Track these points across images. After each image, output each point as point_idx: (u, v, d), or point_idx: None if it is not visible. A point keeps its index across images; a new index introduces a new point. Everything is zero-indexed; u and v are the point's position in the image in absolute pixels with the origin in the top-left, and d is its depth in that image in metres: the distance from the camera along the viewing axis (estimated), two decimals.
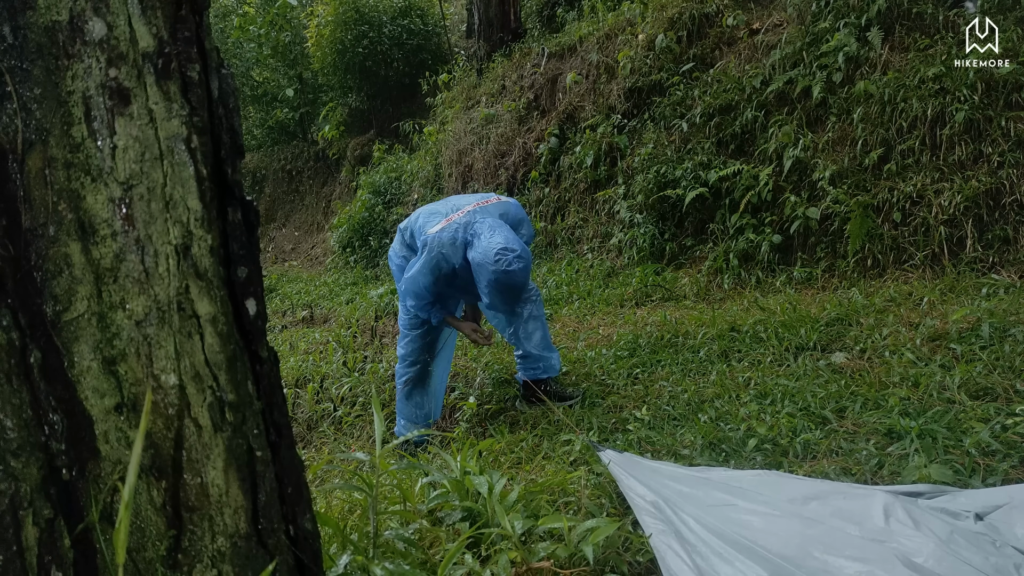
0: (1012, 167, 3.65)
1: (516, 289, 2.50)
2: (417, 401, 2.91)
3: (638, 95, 6.03)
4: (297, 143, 13.14)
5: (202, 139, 0.77)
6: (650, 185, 5.22)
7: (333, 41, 10.36)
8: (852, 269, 4.02)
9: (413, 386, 2.91)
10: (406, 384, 2.91)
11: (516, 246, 2.46)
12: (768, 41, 5.25)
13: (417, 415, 2.91)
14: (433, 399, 2.96)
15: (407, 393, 2.92)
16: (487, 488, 1.52)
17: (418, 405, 2.91)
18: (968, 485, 1.74)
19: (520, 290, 2.53)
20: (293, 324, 6.29)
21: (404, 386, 2.92)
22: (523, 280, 2.50)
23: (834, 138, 4.46)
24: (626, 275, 5.20)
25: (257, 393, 0.84)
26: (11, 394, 0.69)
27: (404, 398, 2.93)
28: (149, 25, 0.73)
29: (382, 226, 8.80)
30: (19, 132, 0.70)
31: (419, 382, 2.91)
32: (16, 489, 0.69)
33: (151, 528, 0.77)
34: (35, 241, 0.71)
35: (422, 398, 2.91)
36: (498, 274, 2.44)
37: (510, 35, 8.66)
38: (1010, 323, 2.72)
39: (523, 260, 2.46)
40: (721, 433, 2.32)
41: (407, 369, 2.90)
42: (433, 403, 2.96)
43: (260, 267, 0.86)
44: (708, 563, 1.36)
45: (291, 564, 0.87)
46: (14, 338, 0.70)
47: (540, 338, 2.90)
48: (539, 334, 2.90)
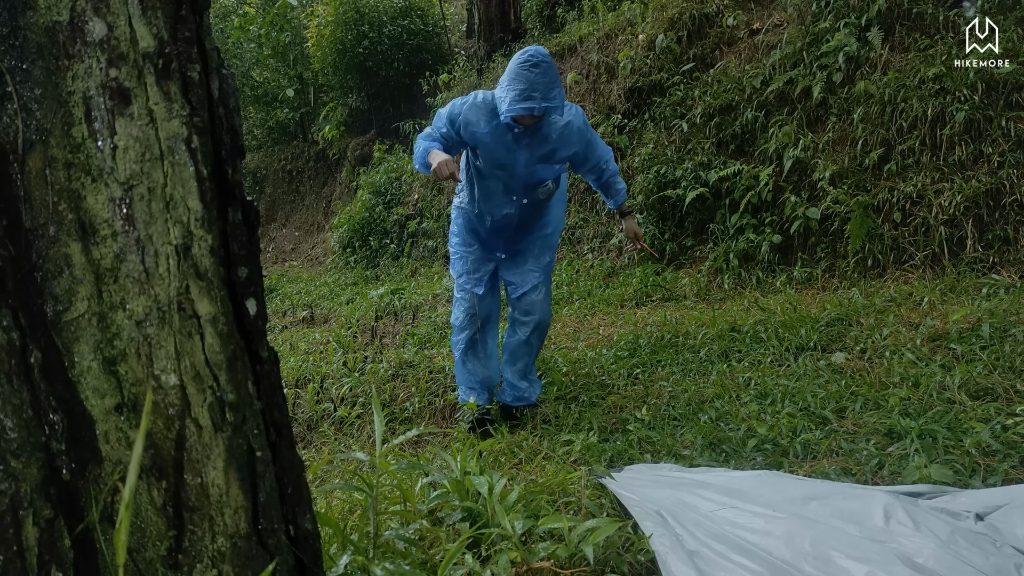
0: (1012, 167, 3.65)
1: (540, 71, 2.45)
2: (471, 368, 2.97)
3: (638, 95, 6.03)
4: (297, 143, 13.14)
5: (202, 139, 0.77)
6: (650, 185, 5.22)
7: (333, 41, 10.37)
8: (852, 269, 4.02)
9: (464, 353, 2.96)
10: (460, 352, 2.98)
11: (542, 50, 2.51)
12: (768, 41, 5.25)
13: (472, 381, 2.97)
14: (488, 365, 2.99)
15: (462, 360, 2.98)
16: (487, 488, 1.52)
17: (472, 372, 2.96)
18: (968, 485, 1.74)
19: (547, 80, 2.47)
20: (293, 324, 6.29)
21: (459, 354, 2.99)
22: (550, 67, 2.47)
23: (834, 138, 4.46)
24: (626, 275, 5.20)
25: (257, 393, 0.84)
26: (11, 394, 0.69)
27: (461, 364, 3.00)
28: (149, 25, 0.73)
29: (382, 226, 8.80)
30: (20, 132, 0.70)
31: (469, 350, 2.95)
32: (16, 489, 0.69)
33: (151, 528, 0.77)
34: (36, 241, 0.71)
35: (475, 364, 2.96)
36: (521, 62, 2.46)
37: (510, 35, 8.66)
38: (1010, 323, 2.72)
39: (547, 55, 2.48)
40: (721, 433, 2.32)
41: (457, 337, 2.96)
42: (489, 369, 2.99)
43: (260, 267, 0.86)
44: (709, 564, 1.36)
45: (291, 564, 0.87)
46: (14, 338, 0.70)
47: (523, 366, 2.93)
48: (524, 361, 2.93)
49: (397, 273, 7.91)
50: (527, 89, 2.44)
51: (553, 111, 2.53)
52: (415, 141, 2.70)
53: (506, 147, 2.64)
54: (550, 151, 2.68)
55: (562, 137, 2.67)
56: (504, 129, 2.60)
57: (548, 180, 2.75)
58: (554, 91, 2.49)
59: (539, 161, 2.68)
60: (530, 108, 2.45)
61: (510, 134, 2.61)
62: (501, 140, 2.62)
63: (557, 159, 2.72)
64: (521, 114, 2.48)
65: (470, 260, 2.90)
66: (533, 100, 2.44)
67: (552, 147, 2.67)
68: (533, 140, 2.63)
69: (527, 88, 2.44)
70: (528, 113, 2.48)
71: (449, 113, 2.66)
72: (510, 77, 2.48)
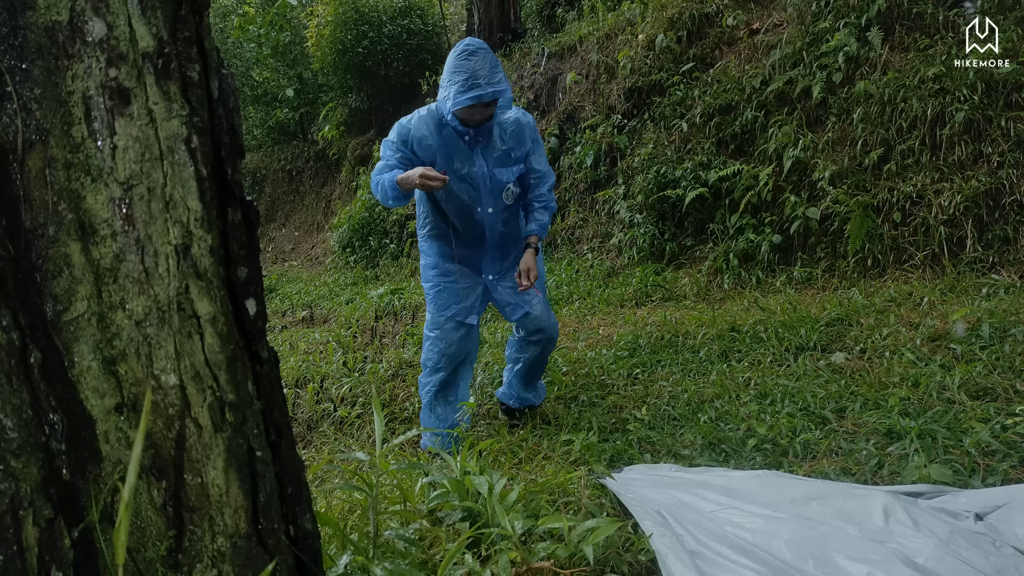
0: (1012, 167, 3.65)
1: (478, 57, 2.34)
2: (440, 414, 2.73)
3: (638, 95, 6.03)
4: (297, 143, 13.14)
5: (202, 139, 0.77)
6: (650, 185, 5.22)
7: (333, 41, 10.36)
8: (852, 269, 4.02)
9: (434, 397, 2.72)
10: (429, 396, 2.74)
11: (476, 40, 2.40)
12: (768, 41, 5.25)
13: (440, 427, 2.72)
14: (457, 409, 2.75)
15: (430, 405, 2.74)
16: (487, 488, 1.51)
17: (442, 418, 2.72)
18: (968, 485, 1.74)
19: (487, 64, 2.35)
20: (293, 324, 6.29)
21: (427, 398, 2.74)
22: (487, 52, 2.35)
23: (834, 138, 4.46)
24: (626, 275, 5.20)
25: (257, 393, 0.84)
26: (11, 394, 0.69)
27: (428, 410, 2.75)
28: (149, 25, 0.73)
29: (382, 226, 8.80)
30: (19, 132, 0.70)
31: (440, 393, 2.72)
32: (16, 489, 0.69)
33: (151, 528, 0.77)
34: (35, 241, 0.71)
35: (445, 410, 2.72)
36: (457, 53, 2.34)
37: (510, 35, 8.66)
38: (1010, 323, 2.72)
39: (482, 43, 2.37)
40: (721, 433, 2.32)
41: (429, 378, 2.72)
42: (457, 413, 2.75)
43: (260, 267, 0.86)
44: (709, 564, 1.36)
45: (291, 564, 0.87)
46: (14, 338, 0.70)
47: (534, 379, 2.83)
48: (537, 376, 2.82)
49: (397, 273, 7.91)
50: (469, 78, 2.31)
51: (501, 95, 2.39)
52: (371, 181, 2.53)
53: (461, 156, 2.51)
54: (505, 152, 2.57)
55: (514, 135, 2.56)
56: (455, 137, 2.48)
57: (510, 183, 2.62)
58: (497, 75, 2.36)
59: (496, 165, 2.56)
60: (478, 95, 2.31)
61: (462, 141, 2.49)
62: (455, 149, 2.50)
63: (513, 159, 2.60)
64: (469, 104, 2.33)
65: (457, 289, 2.66)
66: (479, 87, 2.31)
67: (506, 147, 2.56)
68: (487, 144, 2.53)
69: (469, 77, 2.31)
70: (477, 101, 2.33)
71: (398, 135, 2.51)
72: (450, 71, 2.37)
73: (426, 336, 2.73)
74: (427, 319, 2.74)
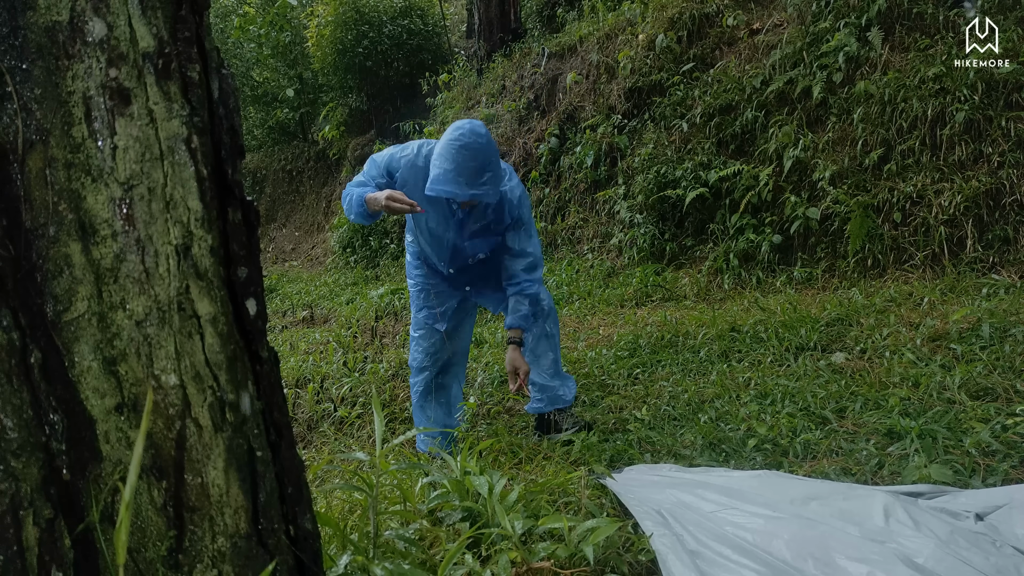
0: (1012, 167, 3.65)
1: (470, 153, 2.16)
2: (431, 415, 2.70)
3: (638, 95, 6.03)
4: (297, 143, 13.14)
5: (202, 139, 0.77)
6: (650, 185, 5.22)
7: (333, 41, 10.36)
8: (852, 269, 4.02)
9: (423, 397, 2.70)
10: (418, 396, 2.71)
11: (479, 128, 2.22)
12: (768, 41, 5.25)
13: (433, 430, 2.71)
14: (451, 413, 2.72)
15: (421, 405, 2.71)
16: (487, 488, 1.51)
17: (433, 420, 2.69)
18: (968, 485, 1.74)
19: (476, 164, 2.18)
20: (293, 324, 6.29)
21: (417, 398, 2.71)
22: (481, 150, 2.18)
23: (834, 138, 4.46)
24: (626, 275, 5.20)
25: (257, 393, 0.84)
26: (11, 394, 0.69)
27: (419, 410, 2.72)
28: (149, 25, 0.73)
29: (382, 226, 8.79)
30: (19, 132, 0.70)
31: (429, 393, 2.69)
32: (16, 489, 0.69)
33: (152, 528, 0.77)
34: (36, 241, 0.71)
35: (436, 411, 2.70)
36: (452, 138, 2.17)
37: (510, 35, 8.66)
38: (1010, 323, 2.72)
39: (483, 135, 2.19)
40: (721, 433, 2.32)
41: (416, 378, 2.71)
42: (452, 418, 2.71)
43: (260, 267, 0.86)
44: (709, 564, 1.36)
45: (291, 564, 0.87)
46: (14, 338, 0.70)
47: (551, 362, 2.62)
48: (550, 357, 2.62)
49: (397, 273, 7.91)
50: (453, 171, 2.16)
51: (480, 199, 2.23)
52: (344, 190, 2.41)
53: (440, 216, 2.42)
54: (484, 226, 2.44)
55: (496, 209, 2.43)
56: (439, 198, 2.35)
57: (479, 254, 2.50)
58: (484, 176, 2.19)
59: (472, 236, 2.45)
60: (452, 194, 2.17)
61: (444, 202, 2.38)
62: (435, 207, 2.39)
63: (492, 231, 2.47)
64: (441, 196, 2.22)
65: (433, 293, 2.61)
66: (457, 185, 2.16)
67: (488, 221, 2.44)
68: (468, 213, 2.41)
69: (453, 170, 2.16)
70: (450, 197, 2.22)
71: (388, 164, 2.40)
72: (439, 149, 2.21)
73: (411, 336, 2.73)
74: (411, 319, 2.75)
